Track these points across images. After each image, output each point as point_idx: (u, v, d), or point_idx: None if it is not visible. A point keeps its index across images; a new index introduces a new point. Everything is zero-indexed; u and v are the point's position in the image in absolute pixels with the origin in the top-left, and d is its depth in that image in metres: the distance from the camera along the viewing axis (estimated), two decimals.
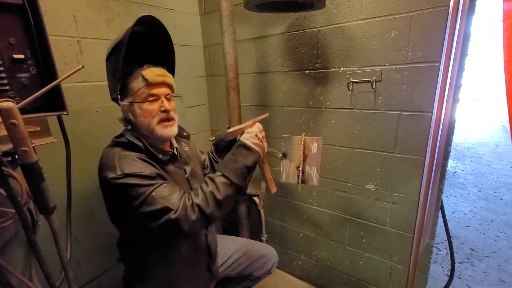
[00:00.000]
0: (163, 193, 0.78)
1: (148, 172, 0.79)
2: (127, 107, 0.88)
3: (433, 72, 1.06)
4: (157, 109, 0.86)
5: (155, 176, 0.80)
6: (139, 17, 0.81)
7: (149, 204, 0.76)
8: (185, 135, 1.10)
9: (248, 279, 1.23)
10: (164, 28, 0.91)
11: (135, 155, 0.82)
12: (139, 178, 0.77)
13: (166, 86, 0.89)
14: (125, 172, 0.76)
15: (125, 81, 0.87)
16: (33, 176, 0.59)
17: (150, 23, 0.88)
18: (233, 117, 1.29)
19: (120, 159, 0.80)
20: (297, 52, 1.39)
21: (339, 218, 1.47)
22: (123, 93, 0.88)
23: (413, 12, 1.05)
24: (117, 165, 0.78)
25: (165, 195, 0.78)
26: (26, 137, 0.55)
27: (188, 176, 0.99)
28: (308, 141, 1.10)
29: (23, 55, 0.65)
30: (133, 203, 0.77)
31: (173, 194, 0.79)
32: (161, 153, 0.89)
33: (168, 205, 0.76)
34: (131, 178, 0.76)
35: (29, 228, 0.64)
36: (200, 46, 1.75)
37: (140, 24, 0.83)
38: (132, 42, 0.83)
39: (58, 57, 1.09)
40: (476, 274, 1.88)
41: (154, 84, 0.85)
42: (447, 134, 1.01)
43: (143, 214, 0.77)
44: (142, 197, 0.76)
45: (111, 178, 0.76)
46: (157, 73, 0.86)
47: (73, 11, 1.12)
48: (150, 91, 0.85)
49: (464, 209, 2.76)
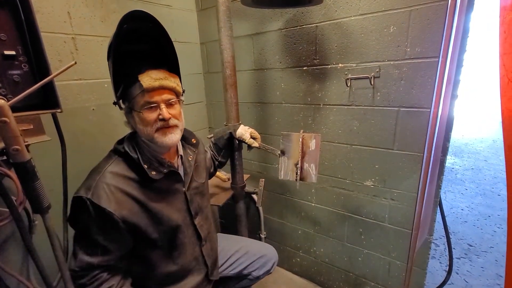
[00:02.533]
0: (89, 249, 0.78)
1: (112, 209, 0.75)
2: (127, 113, 0.83)
3: (431, 68, 1.05)
4: (155, 117, 0.79)
5: (115, 219, 0.76)
6: (126, 13, 0.74)
7: (77, 238, 0.80)
8: (193, 142, 1.03)
9: (247, 278, 1.22)
10: (157, 22, 0.82)
11: (118, 181, 0.78)
12: (96, 217, 0.75)
13: (166, 90, 0.80)
14: (91, 200, 0.74)
15: (127, 84, 0.80)
16: (26, 175, 0.58)
17: (144, 20, 0.79)
18: (231, 114, 1.28)
19: (101, 180, 0.77)
20: (295, 49, 1.37)
21: (338, 215, 1.47)
22: (124, 97, 0.82)
23: (412, 7, 1.04)
24: (93, 187, 0.76)
25: (88, 252, 0.78)
26: (18, 135, 0.54)
27: (185, 190, 0.93)
28: (306, 138, 1.09)
29: (15, 51, 0.64)
30: (74, 226, 0.81)
31: (91, 257, 0.77)
32: (155, 170, 0.83)
33: (77, 258, 0.77)
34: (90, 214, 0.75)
35: (23, 227, 0.63)
36: (197, 43, 1.73)
37: (132, 21, 0.77)
38: (128, 41, 0.78)
39: (53, 55, 1.07)
40: (474, 269, 1.89)
41: (151, 90, 0.77)
42: (446, 130, 1.01)
43: (73, 237, 0.81)
44: (81, 231, 0.80)
45: (78, 196, 0.75)
46: (154, 77, 0.78)
47: (67, 7, 1.10)
48: (147, 99, 0.78)
49: (461, 204, 2.78)
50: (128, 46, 0.80)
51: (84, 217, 0.76)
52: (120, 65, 0.78)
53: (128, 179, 0.81)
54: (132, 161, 0.81)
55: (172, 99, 0.82)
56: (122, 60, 0.78)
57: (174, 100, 0.83)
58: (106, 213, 0.74)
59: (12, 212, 0.61)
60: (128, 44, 0.79)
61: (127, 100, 0.81)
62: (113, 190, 0.77)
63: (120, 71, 0.78)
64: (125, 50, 0.79)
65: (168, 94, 0.81)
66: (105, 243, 0.78)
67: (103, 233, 0.77)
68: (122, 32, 0.76)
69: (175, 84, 0.83)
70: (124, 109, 0.83)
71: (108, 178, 0.78)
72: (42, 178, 0.65)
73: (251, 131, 1.22)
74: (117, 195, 0.77)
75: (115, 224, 0.77)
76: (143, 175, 0.82)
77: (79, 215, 0.77)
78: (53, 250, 0.68)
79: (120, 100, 0.83)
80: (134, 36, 0.80)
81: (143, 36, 0.83)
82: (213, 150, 1.26)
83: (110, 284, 0.81)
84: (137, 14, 0.76)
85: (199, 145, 1.06)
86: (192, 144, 1.03)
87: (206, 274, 1.03)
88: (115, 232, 0.79)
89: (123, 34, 0.77)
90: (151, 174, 0.81)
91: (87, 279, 0.79)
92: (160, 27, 0.83)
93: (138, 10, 0.76)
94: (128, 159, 0.82)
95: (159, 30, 0.84)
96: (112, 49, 0.74)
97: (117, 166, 0.81)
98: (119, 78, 0.79)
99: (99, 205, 0.73)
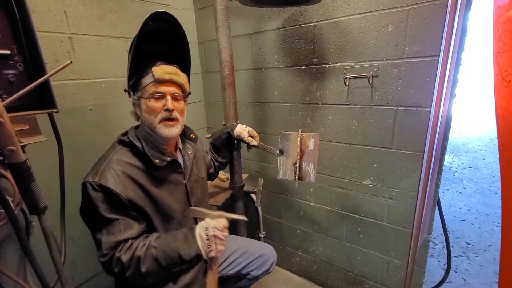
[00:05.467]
0: (110, 229, 0.78)
1: (118, 191, 0.77)
2: (136, 101, 0.88)
3: (430, 67, 1.05)
4: (161, 107, 0.85)
5: (122, 200, 0.78)
6: (152, 13, 0.82)
7: (95, 229, 0.79)
8: (192, 137, 1.08)
9: (246, 278, 1.22)
10: (179, 25, 0.91)
11: (123, 167, 0.81)
12: (106, 195, 0.77)
13: (174, 85, 0.87)
14: (99, 182, 0.76)
15: (140, 76, 0.87)
16: (21, 176, 0.57)
17: (166, 20, 0.88)
18: (229, 114, 1.28)
19: (107, 165, 0.80)
20: (293, 48, 1.37)
21: (337, 214, 1.47)
22: (135, 87, 0.88)
23: (410, 6, 1.04)
24: (100, 171, 0.78)
25: (110, 232, 0.78)
26: (13, 135, 0.53)
27: (186, 182, 0.97)
28: (305, 138, 1.09)
29: (10, 50, 0.63)
30: (85, 217, 0.80)
31: (116, 237, 0.78)
32: (159, 158, 0.87)
33: (102, 243, 0.77)
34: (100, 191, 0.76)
35: (19, 228, 0.63)
36: (195, 42, 1.73)
37: (156, 20, 0.84)
38: (151, 38, 0.85)
39: (49, 54, 1.06)
40: (472, 268, 1.90)
41: (161, 81, 0.84)
42: (444, 129, 1.01)
43: (91, 232, 0.80)
44: (95, 220, 0.78)
45: (86, 180, 0.78)
46: (166, 71, 0.84)
47: (64, 6, 1.09)
48: (156, 88, 0.84)
49: (459, 203, 2.79)
50: (148, 43, 0.87)
51: (94, 201, 0.77)
52: (138, 59, 0.85)
53: (133, 166, 0.84)
54: (137, 150, 0.85)
55: (178, 93, 0.88)
56: (141, 54, 0.85)
57: (179, 95, 0.89)
58: (113, 193, 0.77)
59: (7, 213, 0.60)
60: (149, 41, 0.87)
61: (138, 89, 0.87)
62: (119, 173, 0.80)
63: (137, 64, 0.85)
64: (146, 46, 0.86)
65: (175, 88, 0.87)
66: (123, 216, 0.80)
67: (115, 209, 0.79)
68: (146, 30, 0.83)
69: (184, 81, 0.90)
70: (132, 98, 0.89)
71: (115, 164, 0.81)
72: (39, 179, 0.65)
73: (249, 129, 1.22)
74: (123, 179, 0.80)
75: (124, 204, 0.79)
76: (147, 163, 0.86)
77: (89, 201, 0.78)
78: (49, 251, 0.67)
79: (131, 91, 0.88)
80: (155, 35, 0.88)
81: (163, 36, 0.91)
82: (212, 150, 1.26)
83: (137, 243, 0.81)
84: (161, 15, 0.86)
85: (197, 141, 1.10)
86: (191, 139, 1.07)
87: (204, 271, 1.03)
88: (125, 210, 0.81)
89: (146, 32, 0.84)
90: (155, 161, 0.85)
91: (120, 253, 0.78)
92: (179, 29, 0.92)
93: (163, 12, 0.85)
94: (132, 148, 0.86)
95: (178, 31, 0.92)
96: (133, 44, 0.82)
97: (122, 154, 0.85)
98: (135, 69, 0.86)
99: (107, 186, 0.76)
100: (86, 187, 0.78)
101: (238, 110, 1.32)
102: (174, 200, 0.92)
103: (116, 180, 0.78)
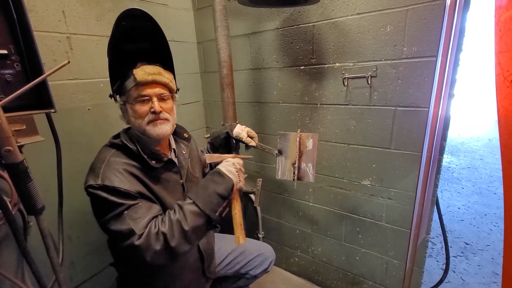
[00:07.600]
0: (134, 215, 0.75)
1: (127, 188, 0.76)
2: (122, 106, 0.86)
3: (428, 67, 1.05)
4: (147, 110, 0.82)
5: (133, 195, 0.77)
6: (123, 11, 0.78)
7: (117, 222, 0.75)
8: (185, 136, 1.06)
9: (244, 277, 1.22)
10: (153, 20, 0.85)
11: (122, 165, 0.80)
12: (115, 192, 0.75)
13: (159, 85, 0.83)
14: (104, 184, 0.74)
15: (122, 79, 0.84)
16: (18, 176, 0.57)
17: (140, 18, 0.83)
18: (228, 114, 1.28)
19: (107, 166, 0.78)
20: (292, 48, 1.37)
21: (335, 214, 1.47)
22: (120, 91, 0.86)
23: (409, 6, 1.04)
24: (101, 173, 0.76)
25: (136, 217, 0.75)
26: (10, 136, 0.53)
27: (183, 182, 0.97)
28: (303, 138, 1.09)
29: (7, 50, 0.63)
30: (103, 217, 0.76)
31: (144, 217, 0.76)
32: (155, 159, 0.86)
33: (134, 228, 0.73)
34: (108, 191, 0.74)
35: (17, 228, 0.62)
36: (194, 42, 1.72)
37: (129, 19, 0.80)
38: (127, 38, 0.80)
39: (47, 54, 1.06)
40: (470, 267, 1.90)
41: (144, 83, 0.80)
42: (443, 129, 1.01)
43: (110, 231, 0.76)
44: (113, 213, 0.75)
45: (88, 185, 0.76)
46: (148, 72, 0.81)
47: (62, 6, 1.09)
48: (140, 92, 0.81)
49: (458, 203, 2.79)
50: (126, 44, 0.83)
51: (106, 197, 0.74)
52: (117, 61, 0.81)
53: (132, 166, 0.83)
54: (131, 153, 0.84)
55: (164, 93, 0.85)
56: (119, 56, 0.82)
57: (166, 95, 0.86)
58: (123, 191, 0.75)
59: (5, 214, 0.60)
60: (126, 41, 0.83)
61: (122, 93, 0.85)
62: (122, 171, 0.79)
63: (117, 66, 0.81)
64: (123, 47, 0.82)
65: (160, 89, 0.84)
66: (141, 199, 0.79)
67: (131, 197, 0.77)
68: (120, 30, 0.79)
69: (168, 80, 0.86)
70: (119, 103, 0.86)
71: (114, 164, 0.79)
72: (37, 179, 0.64)
73: (248, 130, 1.21)
74: (127, 176, 0.79)
75: (135, 196, 0.78)
76: (143, 164, 0.84)
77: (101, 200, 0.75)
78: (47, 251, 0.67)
79: (118, 95, 0.86)
80: (131, 34, 0.83)
81: (140, 34, 0.86)
82: (209, 150, 1.25)
83: (168, 212, 0.80)
84: (134, 12, 0.80)
85: (191, 140, 1.09)
86: (185, 138, 1.06)
87: (202, 270, 1.03)
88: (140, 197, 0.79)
89: (121, 32, 0.80)
90: (152, 162, 0.84)
91: (157, 227, 0.76)
92: (155, 25, 0.86)
93: (135, 9, 0.79)
94: (126, 151, 0.84)
95: (154, 28, 0.87)
96: (110, 45, 0.78)
97: (118, 156, 0.83)
98: (117, 73, 0.83)
99: (114, 186, 0.74)
100: (91, 191, 0.76)
101: (237, 110, 1.32)
102: (173, 199, 0.92)
103: (121, 179, 0.77)
